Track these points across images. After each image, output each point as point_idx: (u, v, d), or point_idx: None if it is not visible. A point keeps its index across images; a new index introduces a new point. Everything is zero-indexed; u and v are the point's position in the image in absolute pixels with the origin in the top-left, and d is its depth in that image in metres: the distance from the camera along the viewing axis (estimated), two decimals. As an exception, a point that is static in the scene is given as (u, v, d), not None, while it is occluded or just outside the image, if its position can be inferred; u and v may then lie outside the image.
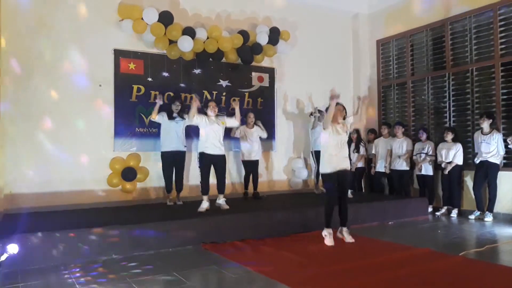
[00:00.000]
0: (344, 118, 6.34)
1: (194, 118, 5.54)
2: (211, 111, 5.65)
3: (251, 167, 6.92)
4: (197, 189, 6.12)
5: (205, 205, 5.50)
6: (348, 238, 4.93)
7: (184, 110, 6.37)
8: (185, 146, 6.29)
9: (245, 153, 6.87)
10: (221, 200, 5.70)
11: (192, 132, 6.59)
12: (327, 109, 6.53)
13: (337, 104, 5.02)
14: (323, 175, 4.99)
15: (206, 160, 5.58)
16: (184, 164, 6.34)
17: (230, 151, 7.14)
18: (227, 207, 5.61)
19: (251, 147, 6.85)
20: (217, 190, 5.75)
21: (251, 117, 6.92)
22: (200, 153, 5.61)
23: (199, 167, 5.66)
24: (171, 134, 6.18)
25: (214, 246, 4.76)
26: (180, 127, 6.25)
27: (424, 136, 7.21)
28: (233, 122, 5.95)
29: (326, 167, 4.88)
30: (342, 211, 4.95)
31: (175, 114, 6.25)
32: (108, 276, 3.73)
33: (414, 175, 7.51)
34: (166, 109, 6.31)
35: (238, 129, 6.82)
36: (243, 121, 6.78)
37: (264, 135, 7.05)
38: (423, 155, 7.13)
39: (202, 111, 5.79)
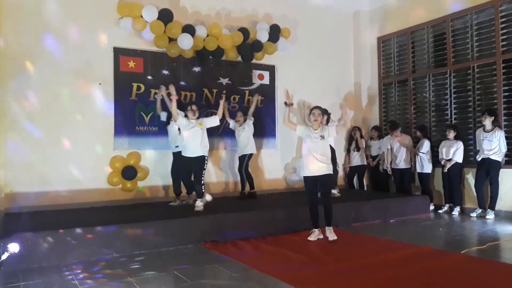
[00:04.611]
0: (327, 123, 6.37)
1: (179, 120, 5.37)
2: (192, 115, 5.48)
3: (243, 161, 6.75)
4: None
5: (203, 201, 5.35)
6: (331, 237, 4.91)
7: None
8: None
9: (238, 150, 6.80)
10: (197, 202, 5.45)
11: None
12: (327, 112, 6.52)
13: (316, 108, 5.01)
14: (303, 177, 5.07)
15: (185, 163, 5.48)
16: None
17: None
18: (201, 208, 5.40)
19: (242, 143, 6.70)
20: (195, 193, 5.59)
21: (239, 115, 6.79)
22: (182, 156, 5.49)
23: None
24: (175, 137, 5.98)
25: (215, 244, 4.75)
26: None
27: (418, 134, 7.28)
28: (212, 121, 5.68)
29: (305, 171, 5.00)
30: (326, 212, 4.97)
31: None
32: (109, 275, 3.72)
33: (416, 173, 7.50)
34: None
35: (232, 124, 6.80)
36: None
37: (251, 120, 6.77)
38: (420, 154, 7.13)
39: (183, 113, 5.60)
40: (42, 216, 5.12)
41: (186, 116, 5.52)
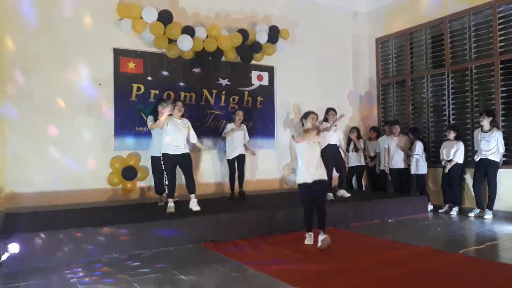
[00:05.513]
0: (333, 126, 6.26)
1: (165, 127, 5.30)
2: (178, 111, 5.40)
3: (235, 163, 6.64)
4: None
5: (172, 205, 5.31)
6: (320, 243, 4.54)
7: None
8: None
9: (228, 152, 6.66)
10: (192, 201, 5.38)
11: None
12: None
13: (313, 113, 4.90)
14: (298, 184, 4.89)
15: (170, 161, 5.35)
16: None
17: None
18: (198, 208, 5.29)
19: (235, 145, 6.59)
20: (187, 190, 5.48)
21: (240, 115, 6.69)
22: (163, 154, 5.36)
23: (164, 169, 5.39)
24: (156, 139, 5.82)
25: (215, 244, 4.77)
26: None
27: (410, 136, 7.34)
28: (193, 136, 5.62)
29: (300, 178, 4.82)
30: (320, 218, 4.74)
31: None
32: (109, 275, 3.74)
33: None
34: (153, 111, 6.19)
35: (227, 128, 6.68)
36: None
37: (246, 139, 6.77)
38: (415, 156, 7.16)
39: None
40: (42, 216, 5.13)
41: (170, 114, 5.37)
